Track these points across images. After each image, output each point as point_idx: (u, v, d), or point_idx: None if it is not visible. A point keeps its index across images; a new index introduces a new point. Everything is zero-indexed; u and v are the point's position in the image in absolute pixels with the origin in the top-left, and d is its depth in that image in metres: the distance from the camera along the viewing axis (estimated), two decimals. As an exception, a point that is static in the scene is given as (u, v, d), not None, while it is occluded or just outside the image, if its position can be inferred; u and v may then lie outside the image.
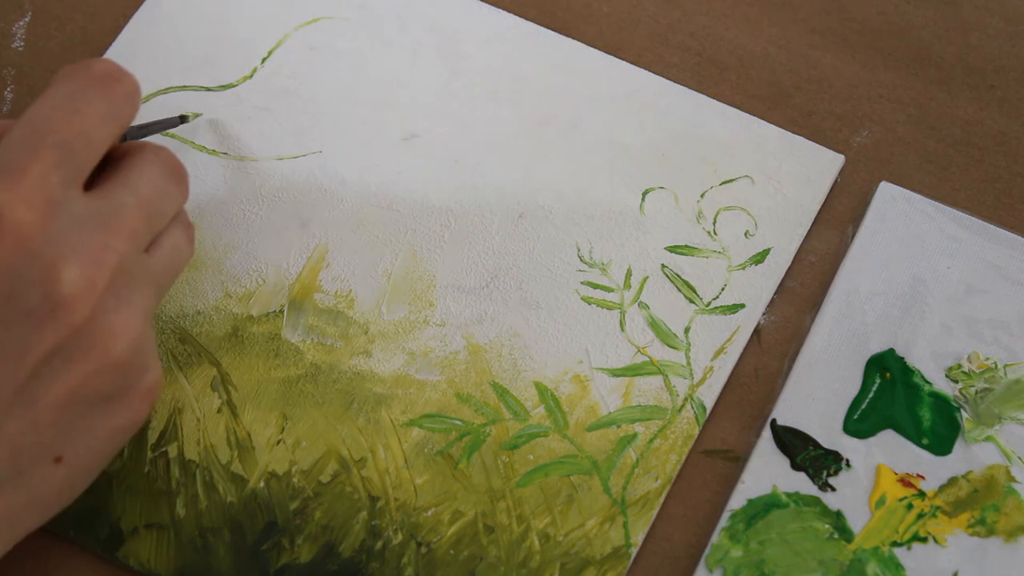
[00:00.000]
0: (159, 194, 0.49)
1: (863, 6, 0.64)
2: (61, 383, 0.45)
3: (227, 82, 0.62)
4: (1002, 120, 0.62)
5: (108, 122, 0.47)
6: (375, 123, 0.61)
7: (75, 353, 0.44)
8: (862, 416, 0.55)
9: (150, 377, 0.48)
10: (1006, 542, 0.53)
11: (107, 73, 0.48)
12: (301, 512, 0.53)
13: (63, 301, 0.44)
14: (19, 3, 0.64)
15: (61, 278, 0.43)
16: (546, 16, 0.64)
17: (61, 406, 0.45)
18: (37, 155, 0.44)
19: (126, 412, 0.47)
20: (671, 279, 0.58)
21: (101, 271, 0.45)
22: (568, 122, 0.61)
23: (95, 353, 0.45)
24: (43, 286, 0.43)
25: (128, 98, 0.48)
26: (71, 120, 0.46)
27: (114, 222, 0.46)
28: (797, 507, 0.53)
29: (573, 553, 0.53)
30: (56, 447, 0.46)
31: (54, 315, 0.44)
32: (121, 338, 0.45)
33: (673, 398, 0.55)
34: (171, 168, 0.50)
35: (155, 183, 0.48)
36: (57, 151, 0.45)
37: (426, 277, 0.58)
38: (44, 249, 0.43)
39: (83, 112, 0.46)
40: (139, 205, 0.47)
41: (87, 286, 0.44)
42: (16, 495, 0.46)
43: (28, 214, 0.43)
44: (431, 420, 0.55)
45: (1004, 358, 0.56)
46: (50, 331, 0.44)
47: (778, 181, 0.60)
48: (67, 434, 0.46)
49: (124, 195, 0.47)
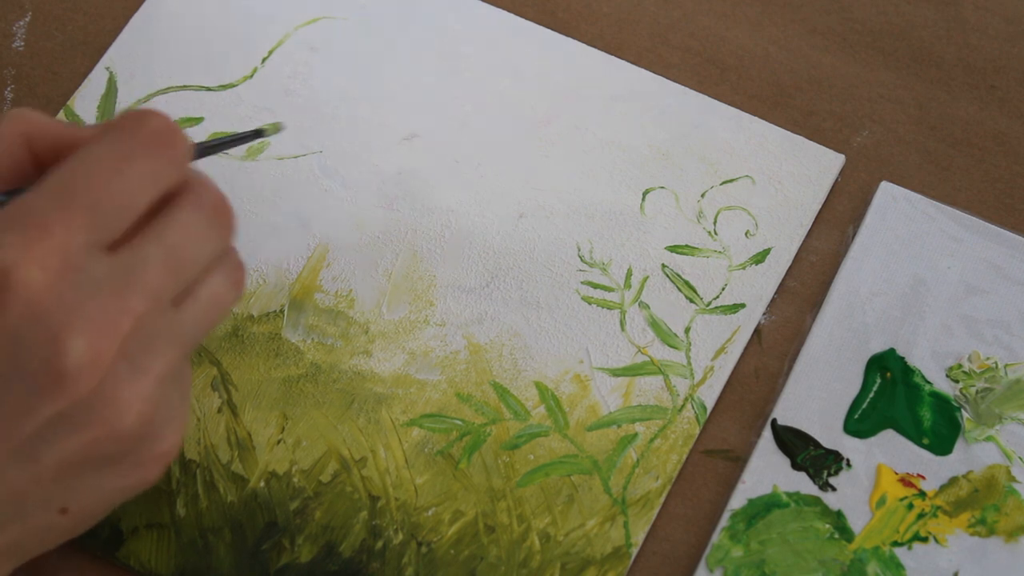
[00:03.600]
0: (192, 241, 0.44)
1: (863, 6, 0.64)
2: (63, 447, 0.43)
3: (227, 82, 0.62)
4: (1002, 120, 0.62)
5: (149, 188, 0.44)
6: (375, 123, 0.61)
7: (78, 422, 0.42)
8: (863, 416, 0.55)
9: (165, 443, 0.45)
10: (1006, 542, 0.53)
11: (160, 134, 0.44)
12: (301, 512, 0.53)
13: (66, 373, 0.41)
14: (19, 3, 0.64)
15: (66, 349, 0.41)
16: (546, 16, 0.64)
17: (63, 466, 0.43)
18: (65, 215, 0.42)
19: (136, 474, 0.45)
20: (672, 279, 0.58)
21: (110, 342, 0.42)
22: (568, 122, 0.61)
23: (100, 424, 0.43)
24: (47, 354, 0.41)
25: (175, 165, 0.44)
26: (110, 181, 0.43)
27: (135, 281, 0.43)
28: (798, 507, 0.53)
29: (574, 553, 0.53)
30: (61, 500, 0.45)
31: (55, 385, 0.41)
32: (130, 410, 0.43)
33: (674, 398, 0.55)
34: (210, 208, 0.45)
35: (188, 229, 0.44)
36: (88, 214, 0.42)
37: (426, 277, 0.58)
38: (52, 315, 0.41)
39: (125, 175, 0.43)
40: (165, 257, 0.43)
41: (93, 359, 0.41)
42: (22, 533, 0.45)
43: (41, 276, 0.41)
44: (431, 420, 0.55)
45: (1004, 358, 0.56)
46: (50, 400, 0.42)
47: (779, 181, 0.60)
48: (72, 489, 0.44)
49: (149, 248, 0.43)
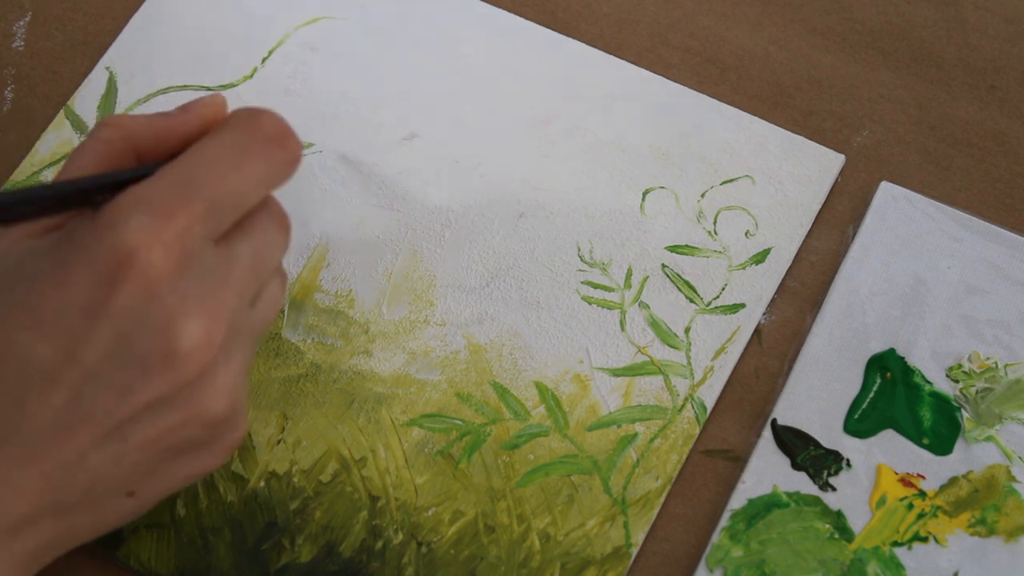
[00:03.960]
0: (270, 246, 0.47)
1: (863, 6, 0.64)
2: (155, 429, 0.44)
3: (227, 82, 0.62)
4: (1002, 120, 0.62)
5: (263, 186, 0.46)
6: (375, 123, 0.61)
7: (177, 404, 0.44)
8: (862, 416, 0.55)
9: (238, 432, 0.47)
10: (1007, 542, 0.53)
11: (276, 134, 0.46)
12: (301, 512, 0.53)
13: (179, 354, 0.43)
14: (19, 3, 0.64)
15: (182, 331, 0.43)
16: (546, 16, 0.64)
17: (149, 449, 0.45)
18: (188, 204, 0.43)
19: (206, 461, 0.47)
20: (672, 279, 0.58)
21: (220, 327, 0.44)
22: (568, 122, 0.61)
23: (196, 408, 0.44)
24: (162, 335, 0.43)
25: (288, 165, 0.47)
26: (229, 176, 0.45)
27: (231, 276, 0.45)
28: (798, 507, 0.53)
29: (574, 553, 0.53)
30: (132, 484, 0.46)
31: (166, 367, 0.43)
32: (223, 396, 0.45)
33: (674, 398, 0.55)
34: (279, 219, 0.48)
35: (268, 234, 0.47)
36: (207, 205, 0.44)
37: (426, 277, 0.58)
38: (170, 297, 0.43)
39: (243, 171, 0.45)
40: (254, 258, 0.46)
41: (206, 342, 0.43)
42: (83, 518, 0.46)
43: (163, 260, 0.42)
44: (431, 420, 0.55)
45: (1004, 358, 0.56)
46: (159, 382, 0.43)
47: (779, 181, 0.60)
48: (147, 474, 0.46)
49: (243, 247, 0.46)
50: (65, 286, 0.42)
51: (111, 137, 0.47)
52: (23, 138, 0.61)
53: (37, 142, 0.61)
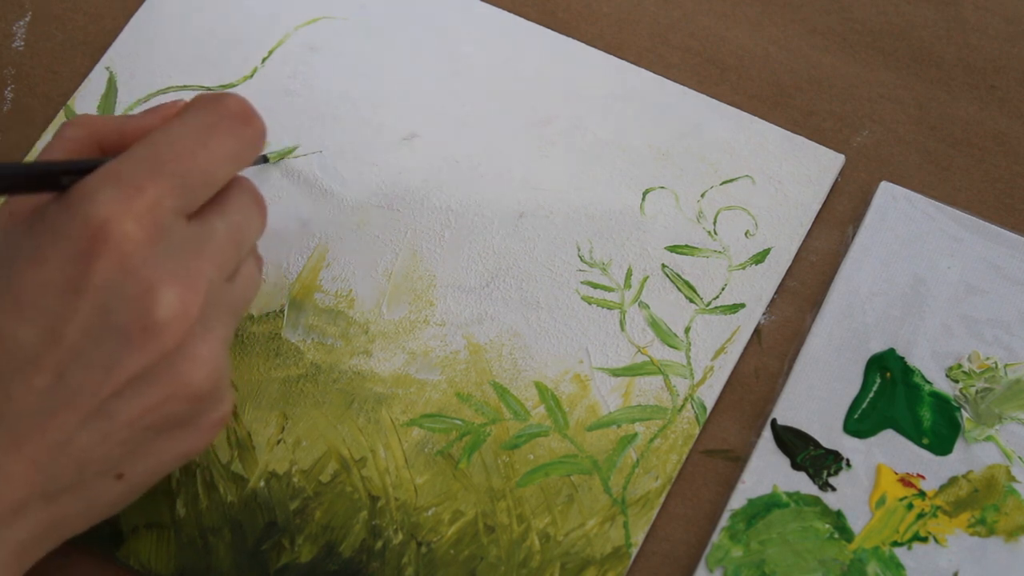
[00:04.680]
0: (247, 223, 0.48)
1: (863, 6, 0.64)
2: (139, 404, 0.44)
3: (227, 82, 0.62)
4: (1002, 120, 0.62)
5: (231, 162, 0.47)
6: (375, 123, 0.61)
7: (159, 377, 0.44)
8: (862, 416, 0.55)
9: (223, 408, 0.48)
10: (1006, 542, 0.53)
11: (240, 112, 0.47)
12: (301, 512, 0.53)
13: (157, 324, 0.43)
14: (19, 3, 0.64)
15: (159, 300, 0.43)
16: (546, 16, 0.64)
17: (134, 426, 0.45)
18: (157, 178, 0.44)
19: (192, 439, 0.47)
20: (671, 279, 0.58)
21: (196, 297, 0.44)
22: (568, 122, 0.61)
23: (178, 380, 0.45)
24: (140, 306, 0.43)
25: (254, 142, 0.48)
26: (197, 152, 0.46)
27: (208, 249, 0.46)
28: (797, 507, 0.53)
29: (573, 553, 0.53)
30: (121, 464, 0.46)
31: (146, 337, 0.43)
32: (204, 368, 0.45)
33: (673, 398, 0.55)
34: (255, 198, 0.49)
35: (245, 212, 0.48)
36: (177, 180, 0.44)
37: (426, 277, 0.58)
38: (145, 268, 0.43)
39: (210, 147, 0.46)
40: (230, 233, 0.47)
41: (183, 311, 0.44)
42: (73, 504, 0.46)
43: (135, 231, 0.43)
44: (431, 420, 0.55)
45: (1004, 358, 0.56)
46: (140, 353, 0.43)
47: (779, 181, 0.60)
48: (134, 453, 0.46)
49: (218, 222, 0.47)
50: (41, 266, 0.43)
51: (77, 135, 0.48)
52: (23, 138, 0.61)
53: (37, 142, 0.61)
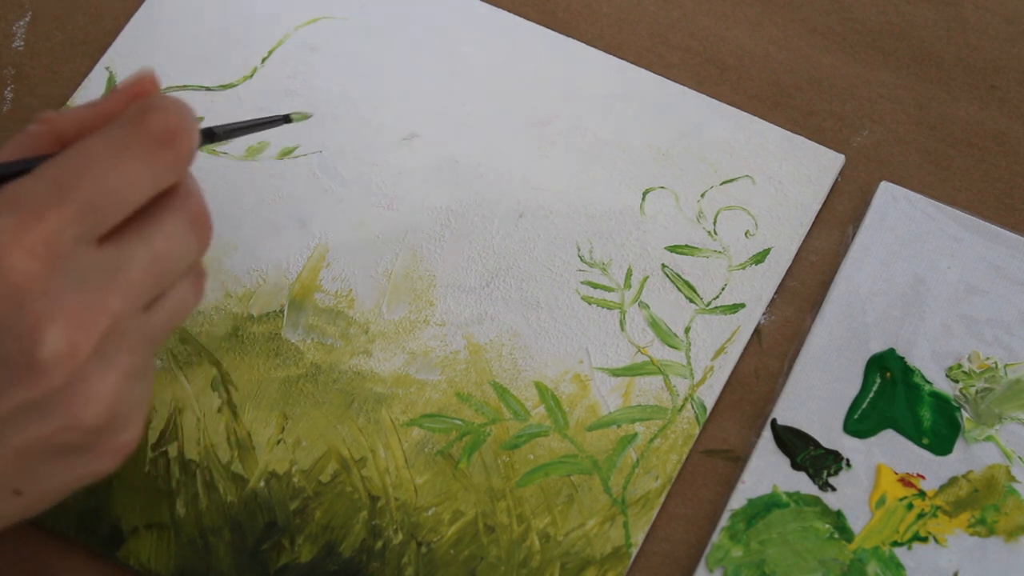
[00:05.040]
0: (176, 250, 0.45)
1: (863, 6, 0.64)
2: (30, 432, 0.43)
3: (227, 82, 0.62)
4: (1002, 120, 0.62)
5: (143, 188, 0.44)
6: (375, 123, 0.61)
7: (46, 411, 0.43)
8: (862, 416, 0.55)
9: (127, 435, 0.45)
10: (1006, 542, 0.53)
11: (162, 133, 0.44)
12: (301, 512, 0.53)
13: (40, 364, 0.41)
14: (19, 3, 0.64)
15: (44, 339, 0.41)
16: (546, 16, 0.64)
17: (28, 451, 0.43)
18: (58, 206, 0.42)
19: (94, 464, 0.46)
20: (671, 279, 0.58)
21: (88, 336, 0.42)
22: (568, 122, 0.61)
23: (69, 415, 0.43)
24: (24, 343, 0.41)
25: (174, 169, 0.44)
26: (106, 177, 0.43)
27: (118, 280, 0.43)
28: (797, 507, 0.53)
29: (573, 553, 0.53)
30: (16, 482, 0.45)
31: (29, 374, 0.41)
32: (97, 404, 0.43)
33: (673, 398, 0.55)
34: (196, 219, 0.46)
35: (175, 237, 0.45)
36: (80, 208, 0.42)
37: (426, 277, 0.58)
38: (34, 304, 0.41)
39: (121, 171, 0.43)
40: (151, 262, 0.44)
41: (69, 351, 0.42)
42: None
43: (27, 264, 0.41)
44: (431, 420, 0.55)
45: (1004, 358, 0.56)
46: (21, 388, 0.42)
47: (778, 181, 0.60)
48: (29, 473, 0.45)
49: (137, 250, 0.44)
50: None
51: (38, 131, 0.46)
52: (23, 138, 0.61)
53: (37, 142, 0.61)
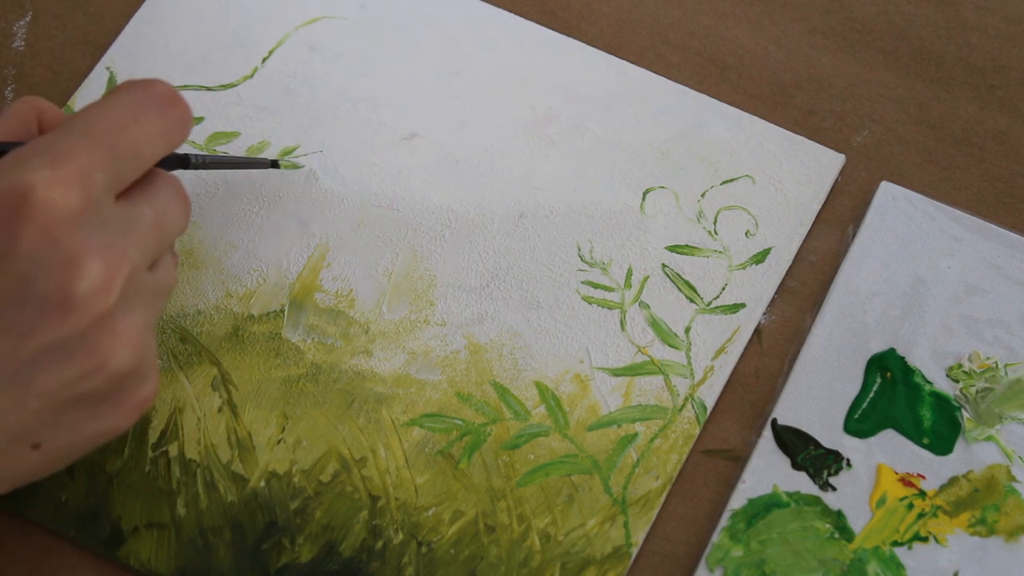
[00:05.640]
0: (172, 217, 0.48)
1: (863, 6, 0.64)
2: (56, 375, 0.44)
3: (227, 82, 0.62)
4: (1002, 120, 0.62)
5: (160, 141, 0.47)
6: (375, 123, 0.61)
7: (76, 351, 0.44)
8: (863, 416, 0.55)
9: (147, 388, 0.47)
10: (1007, 542, 0.53)
11: (167, 94, 0.48)
12: (301, 512, 0.53)
13: (76, 298, 0.43)
14: (19, 3, 0.64)
15: (80, 273, 0.43)
16: (546, 16, 0.64)
17: (51, 396, 0.45)
18: (89, 146, 0.44)
19: (114, 417, 0.47)
20: (672, 279, 0.58)
21: (119, 275, 0.44)
22: (568, 122, 0.61)
23: (96, 356, 0.45)
24: (60, 277, 0.43)
25: (182, 124, 0.48)
26: (128, 128, 0.46)
27: (133, 232, 0.46)
28: (798, 507, 0.53)
29: (574, 553, 0.53)
30: (37, 434, 0.46)
31: (63, 309, 0.43)
32: (125, 346, 0.45)
33: (674, 398, 0.55)
34: (181, 195, 0.49)
35: (170, 202, 0.48)
36: (108, 153, 0.45)
37: (427, 276, 0.58)
38: (69, 239, 0.43)
39: (141, 124, 0.46)
40: (155, 221, 0.47)
41: (104, 287, 0.44)
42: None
43: (64, 199, 0.43)
44: (432, 420, 0.55)
45: (1005, 357, 0.56)
46: (55, 324, 0.43)
47: (779, 181, 0.60)
48: (51, 424, 0.46)
49: (145, 208, 0.47)
50: None
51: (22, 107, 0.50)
52: (23, 138, 0.61)
53: (37, 142, 0.61)
